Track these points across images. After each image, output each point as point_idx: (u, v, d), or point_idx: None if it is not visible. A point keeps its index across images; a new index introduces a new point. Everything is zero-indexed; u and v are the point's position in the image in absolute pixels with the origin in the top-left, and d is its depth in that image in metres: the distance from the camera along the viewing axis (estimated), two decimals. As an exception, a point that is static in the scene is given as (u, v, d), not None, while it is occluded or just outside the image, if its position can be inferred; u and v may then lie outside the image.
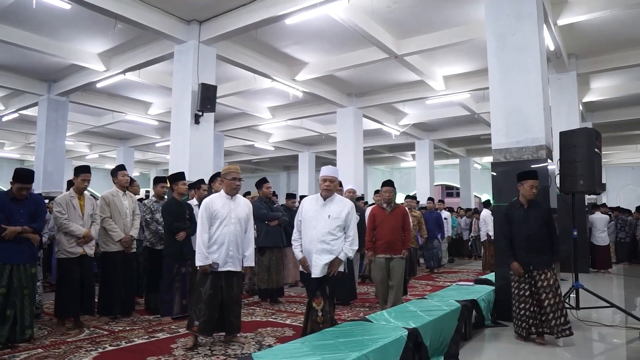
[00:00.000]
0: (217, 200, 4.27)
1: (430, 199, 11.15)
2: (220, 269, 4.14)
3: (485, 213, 10.88)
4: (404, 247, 5.46)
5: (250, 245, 4.36)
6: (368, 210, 8.23)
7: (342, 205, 4.06)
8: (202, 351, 4.04)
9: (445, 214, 11.81)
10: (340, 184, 6.32)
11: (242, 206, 4.36)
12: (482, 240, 10.92)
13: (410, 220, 6.60)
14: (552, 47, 8.14)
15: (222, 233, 4.16)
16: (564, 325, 4.21)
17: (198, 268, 4.17)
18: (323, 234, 3.92)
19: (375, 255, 5.48)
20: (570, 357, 4.21)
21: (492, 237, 10.47)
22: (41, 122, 11.57)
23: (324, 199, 4.07)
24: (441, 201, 11.23)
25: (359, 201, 8.74)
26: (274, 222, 6.35)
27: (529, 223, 4.40)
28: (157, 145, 18.39)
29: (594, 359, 4.24)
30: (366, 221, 5.84)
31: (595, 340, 4.65)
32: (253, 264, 4.43)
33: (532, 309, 4.34)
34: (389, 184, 5.67)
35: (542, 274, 4.32)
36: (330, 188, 4.08)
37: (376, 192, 8.55)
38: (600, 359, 4.26)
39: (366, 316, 3.89)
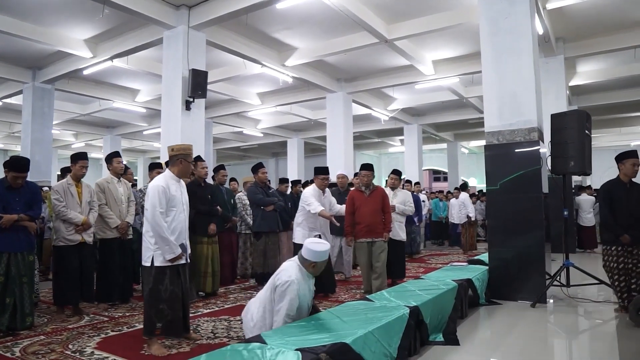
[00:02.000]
0: (171, 183, 3.76)
1: (408, 181, 10.95)
2: (175, 263, 3.69)
3: (464, 196, 11.11)
4: (385, 229, 5.45)
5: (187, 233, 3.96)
6: None
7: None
8: (205, 334, 4.09)
9: (422, 196, 11.70)
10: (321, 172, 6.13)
11: (184, 189, 3.95)
12: (461, 222, 11.15)
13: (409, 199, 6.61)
14: (540, 31, 8.21)
15: (177, 221, 3.74)
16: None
17: (164, 262, 3.62)
18: None
19: (357, 239, 5.47)
20: (563, 334, 4.36)
21: (472, 219, 10.85)
22: (26, 110, 11.36)
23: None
24: (417, 183, 11.01)
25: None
26: (270, 207, 6.38)
27: (630, 201, 4.57)
28: (144, 133, 18.20)
29: (586, 333, 4.40)
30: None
31: (586, 316, 4.81)
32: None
33: (626, 281, 4.56)
34: (367, 167, 5.63)
35: (637, 249, 4.52)
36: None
37: (355, 174, 8.56)
38: (592, 332, 4.42)
39: (367, 296, 3.97)
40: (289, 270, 3.26)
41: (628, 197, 4.60)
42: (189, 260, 3.87)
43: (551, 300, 5.27)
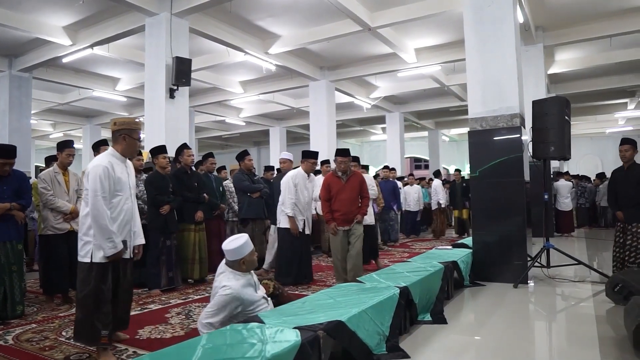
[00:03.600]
0: (115, 163, 3.19)
1: (385, 166, 10.82)
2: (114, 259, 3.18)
3: (436, 183, 11.37)
4: (360, 211, 5.24)
5: (139, 219, 3.46)
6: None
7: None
8: (197, 319, 4.15)
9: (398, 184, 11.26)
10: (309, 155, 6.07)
11: (132, 171, 3.42)
12: (433, 208, 11.41)
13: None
14: (521, 20, 8.36)
15: (122, 209, 3.18)
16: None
17: (105, 258, 3.08)
18: None
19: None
20: (544, 312, 4.54)
21: (442, 206, 11.09)
22: (3, 99, 11.07)
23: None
24: (393, 169, 10.88)
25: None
26: (256, 194, 6.44)
27: (625, 183, 5.23)
28: (125, 122, 17.92)
29: (566, 311, 4.59)
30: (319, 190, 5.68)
31: (565, 295, 5.00)
32: (144, 241, 3.49)
33: (620, 254, 5.27)
34: (343, 153, 5.27)
35: (630, 226, 5.16)
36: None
37: (322, 162, 8.26)
38: (571, 310, 4.61)
39: (357, 278, 4.08)
40: (227, 282, 3.21)
41: (623, 180, 5.26)
42: (131, 256, 3.36)
43: (532, 283, 5.45)
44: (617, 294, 4.29)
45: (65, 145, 4.85)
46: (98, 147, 5.34)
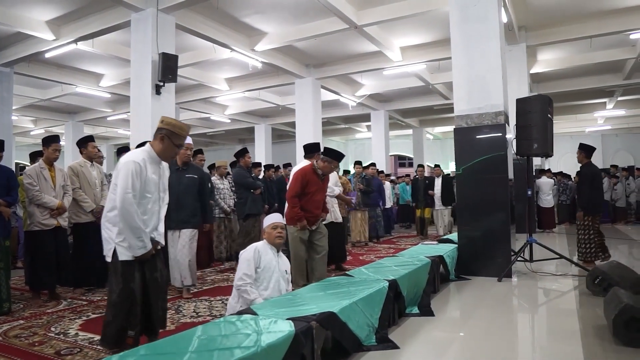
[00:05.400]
0: (150, 163, 3.00)
1: (372, 163, 10.74)
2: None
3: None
4: (325, 210, 5.09)
5: (163, 222, 3.19)
6: None
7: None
8: (188, 313, 4.17)
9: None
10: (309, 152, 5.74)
11: (166, 172, 3.23)
12: (412, 204, 11.64)
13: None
14: (505, 20, 8.50)
15: (148, 211, 3.00)
16: (589, 255, 6.14)
17: (131, 258, 2.91)
18: None
19: (300, 227, 4.72)
20: (527, 305, 4.66)
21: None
22: (-17, 95, 10.91)
23: None
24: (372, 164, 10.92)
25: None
26: (258, 191, 6.52)
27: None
28: (108, 119, 17.72)
29: (549, 303, 4.72)
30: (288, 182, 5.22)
31: (548, 288, 5.13)
32: (163, 242, 3.18)
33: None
34: (339, 158, 4.91)
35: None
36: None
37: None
38: (554, 302, 4.74)
39: (346, 272, 4.14)
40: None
41: None
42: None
43: (515, 277, 5.56)
44: (597, 286, 4.43)
45: (51, 140, 4.82)
46: (84, 143, 5.29)
